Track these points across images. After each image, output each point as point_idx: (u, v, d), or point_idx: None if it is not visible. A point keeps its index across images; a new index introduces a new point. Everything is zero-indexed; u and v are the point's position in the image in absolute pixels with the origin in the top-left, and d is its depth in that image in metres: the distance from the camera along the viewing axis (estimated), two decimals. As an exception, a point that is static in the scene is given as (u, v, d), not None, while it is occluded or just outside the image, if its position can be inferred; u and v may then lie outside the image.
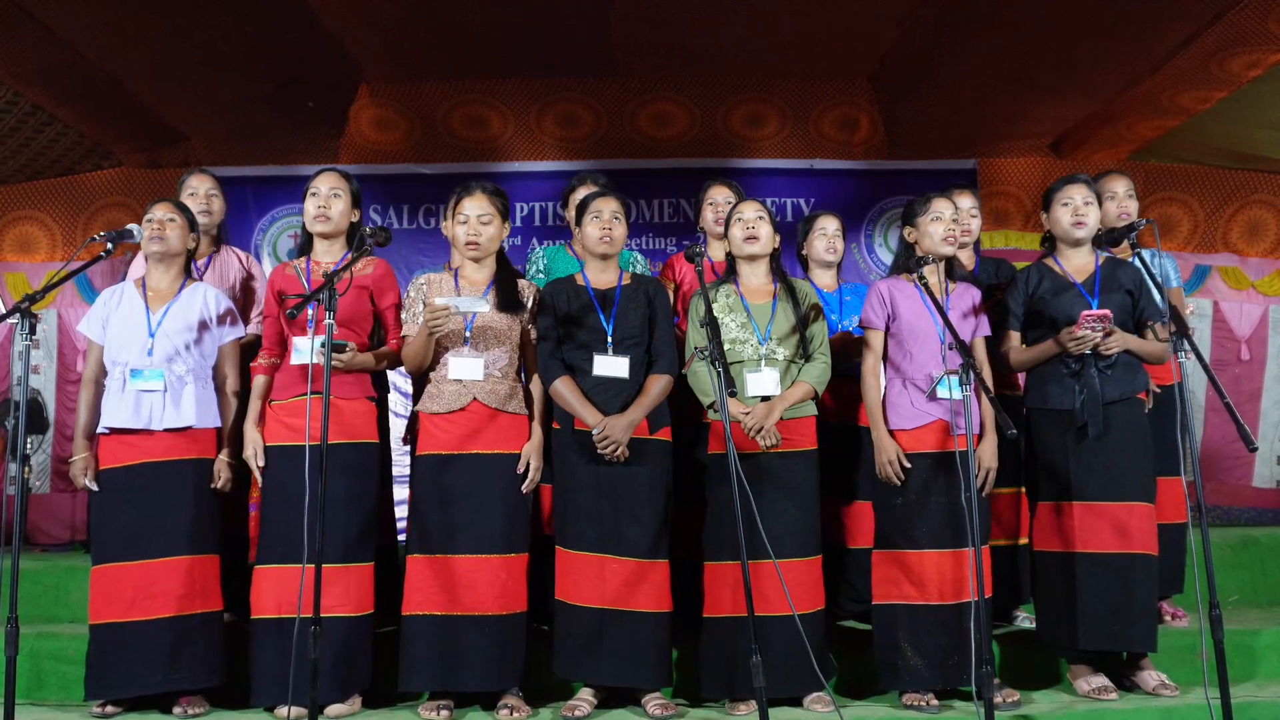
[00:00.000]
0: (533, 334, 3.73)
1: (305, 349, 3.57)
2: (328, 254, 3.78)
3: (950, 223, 3.72)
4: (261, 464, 3.64)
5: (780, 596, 3.44)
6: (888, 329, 3.79)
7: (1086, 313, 3.57)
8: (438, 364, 3.67)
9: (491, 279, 3.73)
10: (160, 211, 3.76)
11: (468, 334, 3.64)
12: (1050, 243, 3.93)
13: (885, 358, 3.81)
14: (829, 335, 4.06)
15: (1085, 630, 3.60)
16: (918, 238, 3.77)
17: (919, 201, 3.78)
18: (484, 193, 3.69)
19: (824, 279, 4.34)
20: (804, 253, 4.39)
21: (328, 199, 3.73)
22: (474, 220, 3.67)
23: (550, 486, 3.78)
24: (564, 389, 3.62)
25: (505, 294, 3.69)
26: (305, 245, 3.85)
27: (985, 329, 3.81)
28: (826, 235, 4.31)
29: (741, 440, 3.56)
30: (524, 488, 3.63)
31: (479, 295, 3.67)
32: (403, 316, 3.73)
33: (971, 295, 3.82)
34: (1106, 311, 3.58)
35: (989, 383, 3.70)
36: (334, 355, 3.29)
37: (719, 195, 4.29)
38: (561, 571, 3.63)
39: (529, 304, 3.74)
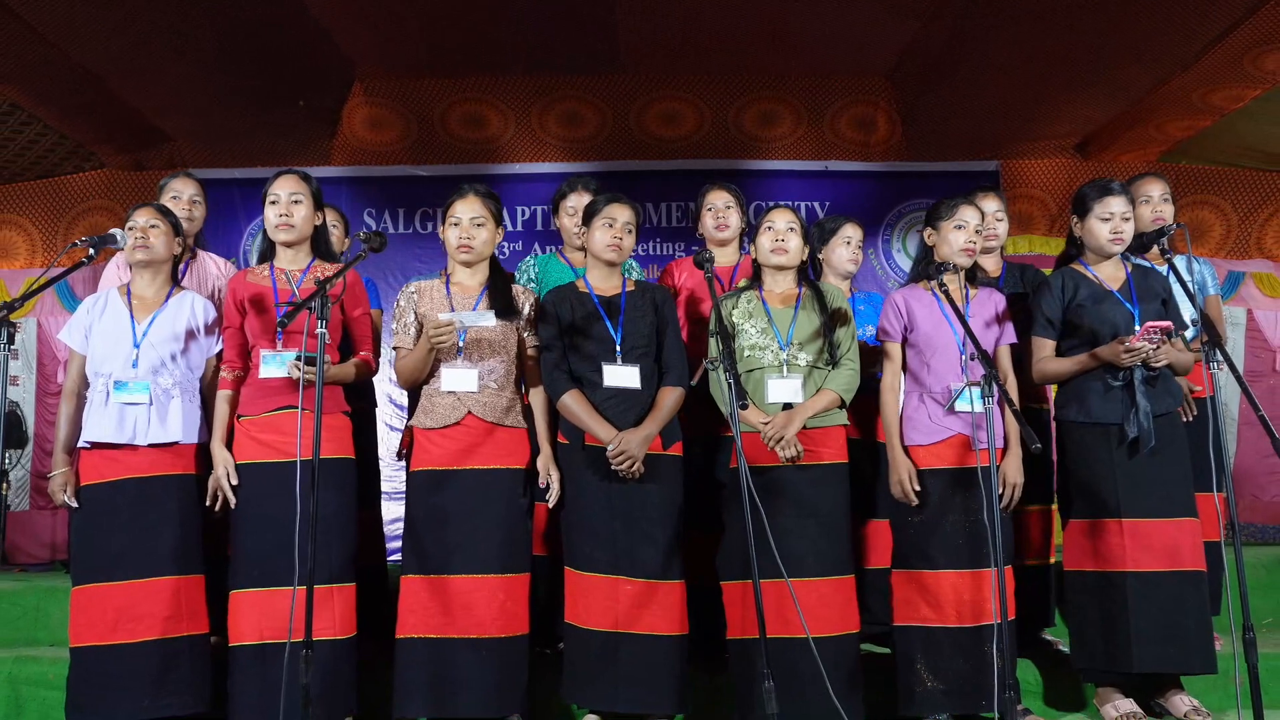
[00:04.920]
0: (530, 343, 3.76)
1: (282, 360, 3.60)
2: (293, 262, 3.80)
3: (973, 233, 3.75)
4: (235, 483, 3.63)
5: (805, 618, 3.42)
6: (905, 340, 3.83)
7: (1150, 324, 3.54)
8: (431, 376, 3.70)
9: (485, 285, 3.76)
10: (143, 218, 3.78)
11: (461, 344, 3.66)
12: (1077, 247, 3.94)
13: (905, 370, 3.84)
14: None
15: (1140, 653, 3.59)
16: (937, 242, 3.80)
17: (945, 204, 3.80)
18: (477, 195, 3.73)
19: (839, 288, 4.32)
20: (820, 258, 4.35)
21: (289, 205, 3.73)
22: (466, 223, 3.70)
23: (545, 505, 3.81)
24: (573, 403, 3.64)
25: (499, 301, 3.71)
26: (268, 251, 3.85)
27: (1010, 336, 3.82)
28: (850, 244, 4.28)
29: (761, 452, 3.59)
30: (549, 501, 3.65)
31: (471, 302, 3.71)
32: (393, 327, 3.77)
33: (994, 301, 3.84)
34: (1168, 323, 3.56)
35: (1014, 394, 3.72)
36: (310, 369, 3.33)
37: (718, 200, 4.28)
38: (571, 594, 3.65)
39: (525, 310, 3.77)
